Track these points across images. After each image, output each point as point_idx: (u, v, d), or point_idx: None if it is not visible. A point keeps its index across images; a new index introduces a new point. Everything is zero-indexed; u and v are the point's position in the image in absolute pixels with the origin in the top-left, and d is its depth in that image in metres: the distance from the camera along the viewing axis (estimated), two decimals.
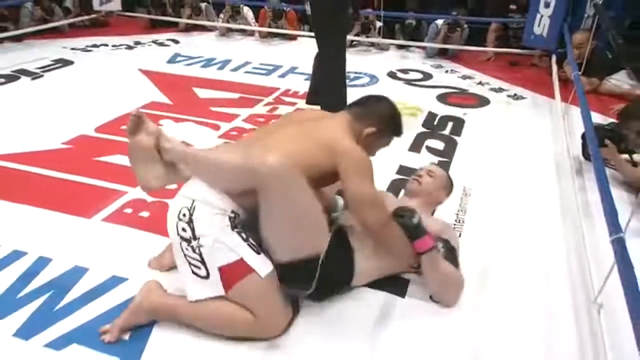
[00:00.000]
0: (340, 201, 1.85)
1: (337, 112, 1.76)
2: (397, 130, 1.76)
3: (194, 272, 1.45)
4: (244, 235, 1.46)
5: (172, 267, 1.71)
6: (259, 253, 1.46)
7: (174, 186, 1.66)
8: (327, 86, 3.07)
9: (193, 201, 1.45)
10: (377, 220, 1.53)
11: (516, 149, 2.90)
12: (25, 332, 1.49)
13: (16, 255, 1.83)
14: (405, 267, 1.70)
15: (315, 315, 1.59)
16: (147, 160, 1.52)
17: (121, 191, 2.30)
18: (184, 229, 1.44)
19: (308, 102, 3.37)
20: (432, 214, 1.97)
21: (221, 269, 1.42)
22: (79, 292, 1.66)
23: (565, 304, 1.69)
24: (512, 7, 4.94)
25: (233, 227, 1.45)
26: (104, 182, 2.38)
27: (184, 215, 1.45)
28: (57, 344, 1.45)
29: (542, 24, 4.40)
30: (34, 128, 3.02)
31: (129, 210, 2.16)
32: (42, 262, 1.80)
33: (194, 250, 1.43)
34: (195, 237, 1.42)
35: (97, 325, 1.52)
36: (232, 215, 1.46)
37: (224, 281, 1.42)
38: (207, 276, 1.43)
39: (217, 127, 3.10)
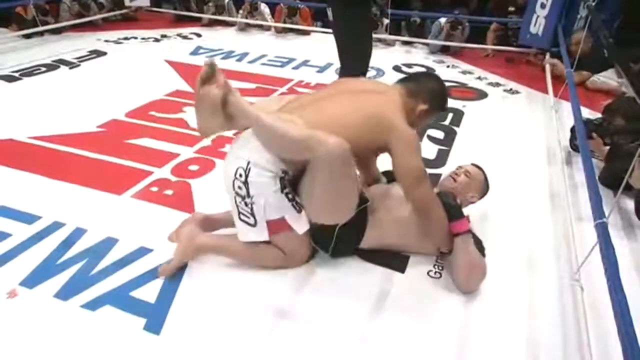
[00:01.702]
0: (383, 180, 1.88)
1: None
2: (443, 106, 1.71)
3: (242, 220, 1.54)
4: (290, 196, 1.53)
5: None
6: (300, 212, 1.54)
7: (195, 167, 1.65)
8: None
9: (248, 163, 1.48)
10: (425, 195, 1.55)
11: (511, 139, 2.87)
12: (64, 294, 1.53)
13: (56, 226, 1.87)
14: (431, 249, 1.70)
15: (324, 287, 1.61)
16: (211, 110, 1.45)
17: (148, 171, 2.32)
18: (239, 187, 1.50)
19: None
20: None
21: (268, 222, 1.53)
22: (111, 260, 1.69)
23: (551, 280, 1.68)
24: (511, 9, 4.84)
25: (282, 188, 1.50)
26: (133, 163, 2.40)
27: (240, 175, 1.48)
28: (92, 305, 1.49)
29: (537, 23, 4.30)
30: (71, 112, 3.04)
31: (154, 189, 2.17)
32: (78, 233, 1.83)
33: (246, 205, 1.50)
34: (249, 195, 1.49)
35: (128, 290, 1.55)
36: (283, 175, 1.50)
37: (269, 230, 1.54)
38: (255, 224, 1.53)
39: None
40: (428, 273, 1.68)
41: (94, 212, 1.97)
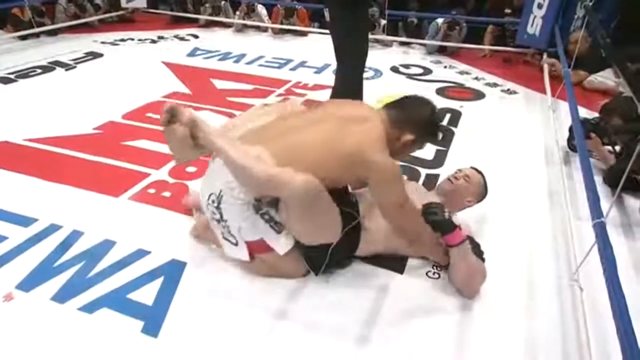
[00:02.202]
0: None
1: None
2: (435, 136, 1.61)
3: (225, 238, 1.55)
4: (267, 217, 1.49)
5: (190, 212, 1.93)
6: (279, 232, 1.51)
7: (193, 169, 1.65)
8: (345, 96, 2.85)
9: (220, 191, 1.47)
10: (407, 222, 1.54)
11: (509, 139, 2.87)
12: (61, 296, 1.52)
13: (53, 228, 1.86)
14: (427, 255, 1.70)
15: (320, 290, 1.60)
16: (180, 144, 1.48)
17: (145, 173, 2.31)
18: (213, 212, 1.51)
19: None
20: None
21: (247, 243, 1.52)
22: (108, 262, 1.68)
23: (550, 281, 1.68)
24: (507, 10, 4.86)
25: (257, 210, 1.48)
26: (130, 165, 2.39)
27: (213, 201, 1.49)
28: (89, 308, 1.48)
29: (534, 24, 4.32)
30: (67, 114, 3.03)
31: (152, 190, 2.17)
32: (75, 235, 1.82)
33: (224, 227, 1.51)
34: (223, 220, 1.49)
35: (125, 292, 1.55)
36: (256, 202, 1.48)
37: (249, 251, 1.55)
38: (236, 244, 1.54)
39: (232, 116, 3.05)
40: (427, 274, 1.68)
41: (91, 215, 1.96)
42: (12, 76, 3.74)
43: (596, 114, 2.68)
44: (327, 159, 1.43)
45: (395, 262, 1.71)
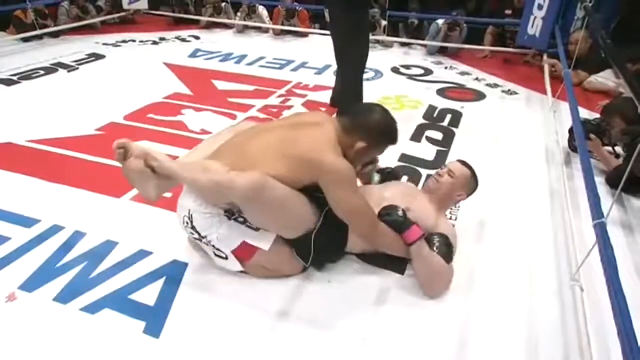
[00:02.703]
0: (376, 178, 1.87)
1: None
2: (390, 141, 1.60)
3: (216, 255, 1.57)
4: (241, 219, 1.51)
5: None
6: (257, 230, 1.53)
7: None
8: (345, 97, 2.89)
9: (189, 211, 1.52)
10: (366, 226, 1.54)
11: (510, 140, 2.87)
12: (64, 297, 1.53)
13: (55, 229, 1.87)
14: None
15: (323, 290, 1.61)
16: (142, 178, 1.48)
17: None
18: (191, 233, 1.56)
19: (331, 105, 3.28)
20: (451, 211, 1.93)
21: (233, 252, 1.53)
22: (111, 263, 1.69)
23: (551, 282, 1.68)
24: (508, 12, 4.86)
25: (230, 217, 1.51)
26: None
27: (187, 223, 1.54)
28: (92, 309, 1.49)
29: (535, 25, 4.32)
30: (70, 116, 3.04)
31: None
32: (78, 236, 1.83)
33: (207, 245, 1.54)
34: (202, 237, 1.53)
35: (127, 293, 1.55)
36: (226, 213, 1.51)
37: (239, 260, 1.56)
38: (227, 258, 1.56)
39: (233, 117, 3.09)
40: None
41: (94, 215, 1.97)
42: (15, 78, 3.75)
43: (597, 115, 2.68)
44: (278, 163, 1.45)
45: (395, 263, 1.71)
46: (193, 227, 1.53)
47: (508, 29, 4.87)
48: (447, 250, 1.60)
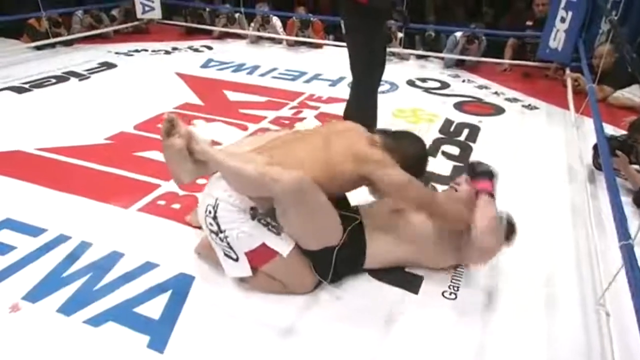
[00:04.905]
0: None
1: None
2: (418, 173, 1.65)
3: (226, 255, 1.56)
4: (264, 222, 1.53)
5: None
6: (279, 234, 1.54)
7: (203, 181, 1.68)
8: (360, 110, 2.88)
9: (217, 200, 1.52)
10: (423, 195, 1.56)
11: (530, 156, 2.85)
12: (67, 308, 1.54)
13: (61, 238, 1.89)
14: (444, 262, 1.70)
15: (332, 307, 1.60)
16: (179, 158, 1.55)
17: (156, 184, 2.34)
18: (210, 224, 1.53)
19: (344, 118, 3.29)
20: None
21: (247, 254, 1.52)
22: (116, 275, 1.70)
23: (574, 306, 1.65)
24: (529, 23, 4.85)
25: (253, 217, 1.52)
26: (140, 176, 2.43)
27: (210, 212, 1.53)
28: (95, 321, 1.49)
29: (557, 38, 4.31)
30: (80, 124, 3.10)
31: (162, 202, 2.19)
32: (84, 246, 1.85)
33: (222, 240, 1.52)
34: (221, 231, 1.51)
35: (132, 306, 1.55)
36: (252, 211, 1.53)
37: (251, 264, 1.55)
38: (237, 259, 1.55)
39: (245, 128, 3.13)
40: (443, 294, 1.66)
41: (100, 226, 1.99)
42: (26, 86, 3.85)
43: (623, 132, 2.64)
44: (318, 166, 1.51)
45: (409, 281, 1.69)
46: (215, 218, 1.52)
47: (528, 42, 4.86)
48: (510, 227, 1.66)
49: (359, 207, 1.73)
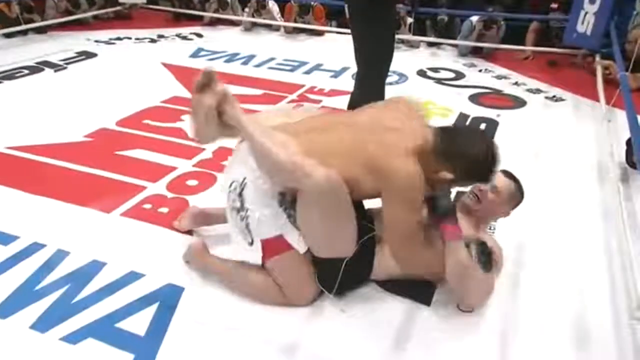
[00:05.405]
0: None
1: None
2: (482, 180, 1.57)
3: (242, 237, 1.59)
4: (288, 212, 1.56)
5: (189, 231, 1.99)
6: (299, 230, 1.57)
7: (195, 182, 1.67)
8: (365, 103, 2.85)
9: (244, 179, 1.55)
10: (410, 259, 1.56)
11: (554, 153, 2.84)
12: (42, 325, 1.53)
13: (35, 247, 1.89)
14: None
15: (332, 320, 1.59)
16: (205, 118, 1.53)
17: (141, 186, 2.34)
18: (234, 200, 1.57)
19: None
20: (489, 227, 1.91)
21: (263, 241, 1.56)
22: (97, 286, 1.70)
23: (605, 321, 1.64)
24: (553, 5, 4.85)
25: (280, 204, 1.55)
26: (124, 177, 2.43)
27: (235, 188, 1.56)
28: (73, 338, 1.49)
29: (586, 21, 4.30)
30: (56, 120, 3.11)
31: (148, 206, 2.19)
32: (60, 255, 1.84)
33: (241, 220, 1.55)
34: (243, 209, 1.55)
35: (115, 321, 1.55)
36: (280, 196, 1.55)
37: (264, 252, 1.57)
38: (251, 243, 1.57)
39: None
40: (458, 306, 1.65)
41: (79, 232, 1.99)
42: None
43: None
44: (349, 160, 1.49)
45: (421, 292, 1.69)
46: (241, 194, 1.54)
47: (553, 26, 4.86)
48: (485, 258, 1.56)
49: (371, 212, 1.71)
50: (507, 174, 1.80)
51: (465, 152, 1.46)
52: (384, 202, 1.50)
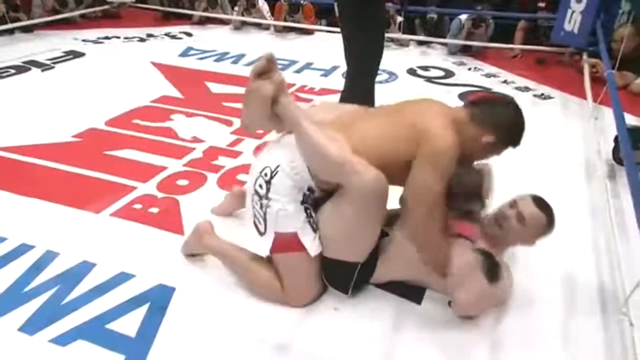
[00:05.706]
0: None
1: None
2: (514, 143, 1.64)
3: (254, 224, 1.59)
4: (309, 212, 1.56)
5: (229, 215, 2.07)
6: (315, 232, 1.57)
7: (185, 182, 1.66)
8: (355, 102, 2.85)
9: (278, 166, 1.54)
10: (423, 231, 1.53)
11: (543, 151, 2.86)
12: (30, 327, 1.52)
13: (24, 248, 1.87)
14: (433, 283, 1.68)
15: (326, 319, 1.60)
16: (259, 105, 1.54)
17: (131, 186, 2.33)
18: (260, 185, 1.56)
19: None
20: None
21: (276, 234, 1.55)
22: (86, 287, 1.68)
23: (594, 315, 1.66)
24: (541, 4, 4.89)
25: (303, 201, 1.55)
26: (113, 177, 2.41)
27: (266, 174, 1.55)
28: (62, 340, 1.47)
29: (573, 19, 4.34)
30: (43, 120, 3.08)
31: (138, 206, 2.18)
32: (49, 256, 1.83)
33: (261, 207, 1.55)
34: (267, 197, 1.54)
35: (105, 322, 1.54)
36: (307, 192, 1.56)
37: (273, 245, 1.56)
38: (263, 233, 1.57)
39: (229, 123, 3.11)
40: (449, 303, 1.66)
41: (68, 233, 1.98)
42: None
43: None
44: (391, 129, 1.54)
45: (412, 290, 1.70)
46: (268, 182, 1.53)
47: (541, 25, 4.90)
48: (489, 265, 1.50)
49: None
50: (538, 202, 1.66)
51: (503, 112, 1.60)
52: (416, 167, 1.49)
